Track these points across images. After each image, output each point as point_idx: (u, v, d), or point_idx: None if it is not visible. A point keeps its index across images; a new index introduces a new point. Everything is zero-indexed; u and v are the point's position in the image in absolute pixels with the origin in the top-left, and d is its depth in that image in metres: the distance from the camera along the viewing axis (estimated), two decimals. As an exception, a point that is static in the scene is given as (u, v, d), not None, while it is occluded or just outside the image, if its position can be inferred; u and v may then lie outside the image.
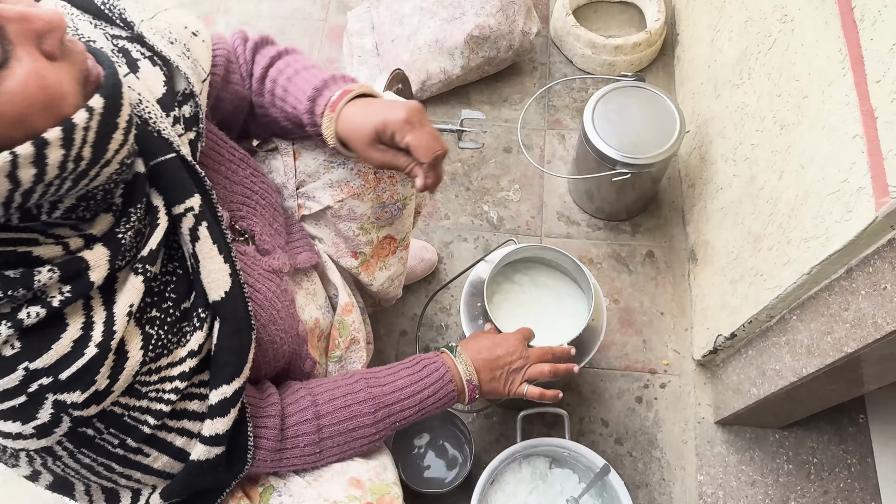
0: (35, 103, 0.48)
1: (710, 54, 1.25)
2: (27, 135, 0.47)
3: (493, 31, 1.38)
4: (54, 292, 0.55)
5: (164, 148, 0.64)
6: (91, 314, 0.58)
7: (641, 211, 1.36)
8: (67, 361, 0.56)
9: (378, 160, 0.77)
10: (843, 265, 0.79)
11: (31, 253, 0.53)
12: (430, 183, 0.74)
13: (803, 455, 1.16)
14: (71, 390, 0.57)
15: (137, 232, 0.60)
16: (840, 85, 0.77)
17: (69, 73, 0.49)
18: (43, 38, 0.47)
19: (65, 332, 0.57)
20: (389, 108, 0.75)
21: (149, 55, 0.68)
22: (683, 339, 1.25)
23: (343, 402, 0.78)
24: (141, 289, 0.59)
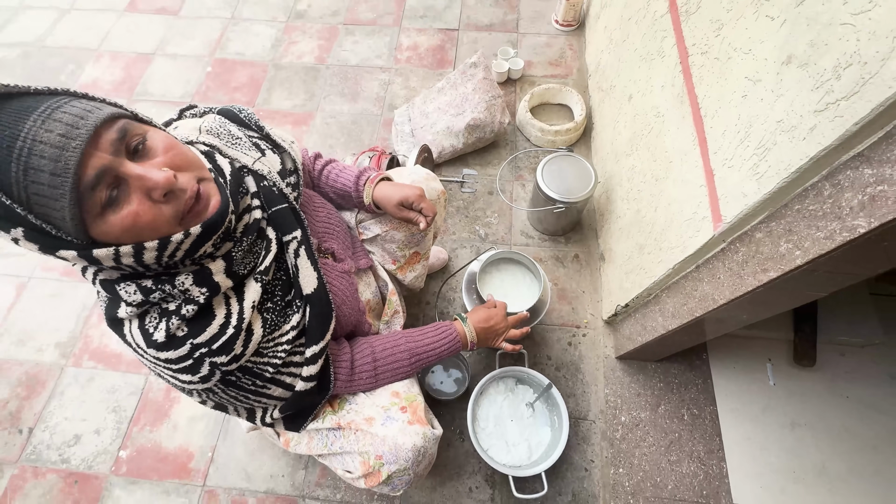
0: (130, 229, 0.48)
1: (612, 136, 1.31)
2: (157, 238, 0.51)
3: (482, 122, 1.45)
4: (197, 294, 0.56)
5: (281, 200, 0.69)
6: (230, 308, 0.60)
7: (571, 230, 1.41)
8: (216, 338, 0.58)
9: (398, 215, 0.85)
10: (693, 263, 0.83)
11: (179, 272, 0.55)
12: (427, 226, 0.84)
13: (669, 377, 1.20)
14: (220, 355, 0.59)
15: (247, 252, 0.62)
16: (692, 155, 0.81)
17: (168, 211, 0.51)
18: (151, 192, 0.49)
19: (214, 319, 0.59)
20: (407, 188, 0.84)
21: (271, 147, 0.74)
22: (596, 307, 1.30)
23: (391, 352, 0.81)
24: (259, 291, 0.63)
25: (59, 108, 0.44)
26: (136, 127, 0.49)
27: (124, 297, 0.53)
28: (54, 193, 0.43)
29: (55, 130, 0.42)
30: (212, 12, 1.97)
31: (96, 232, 0.47)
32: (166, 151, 0.51)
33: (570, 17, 1.76)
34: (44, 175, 0.42)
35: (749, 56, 0.65)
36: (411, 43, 1.83)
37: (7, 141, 0.41)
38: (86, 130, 0.44)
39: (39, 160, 0.42)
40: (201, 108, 0.73)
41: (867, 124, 0.45)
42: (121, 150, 0.47)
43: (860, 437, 1.08)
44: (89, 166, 0.44)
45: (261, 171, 0.68)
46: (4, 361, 1.26)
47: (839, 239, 0.51)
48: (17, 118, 0.42)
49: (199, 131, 0.66)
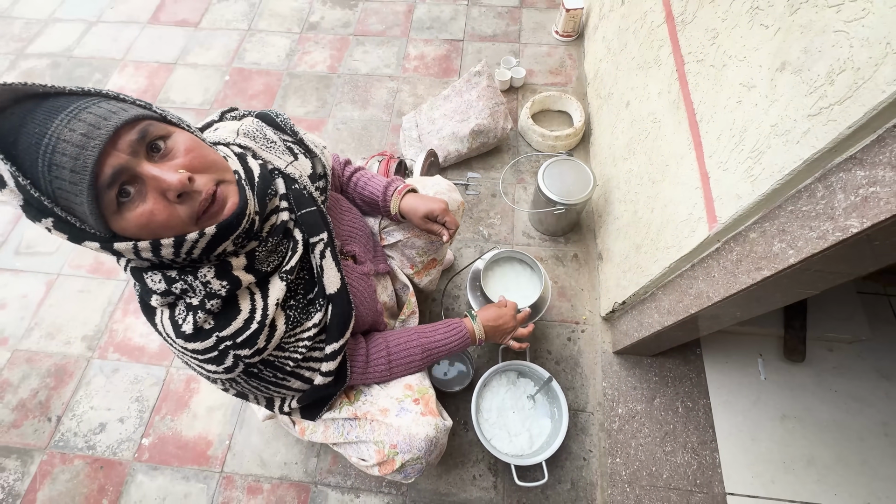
0: (145, 226, 0.48)
1: (610, 141, 1.30)
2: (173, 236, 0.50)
3: (485, 127, 1.45)
4: (218, 287, 0.55)
5: (310, 203, 0.69)
6: (255, 304, 0.60)
7: (570, 231, 1.40)
8: (241, 332, 0.58)
9: (423, 227, 0.86)
10: (689, 263, 0.82)
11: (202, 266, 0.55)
12: (451, 238, 0.85)
13: (664, 372, 1.19)
14: (243, 348, 0.59)
15: (271, 251, 0.61)
16: (688, 158, 0.80)
17: (183, 211, 0.50)
18: (165, 192, 0.48)
19: (239, 314, 0.58)
20: (432, 201, 0.84)
21: (303, 151, 0.74)
22: (595, 304, 1.29)
23: (404, 347, 0.81)
24: (284, 288, 0.62)
25: (86, 108, 0.44)
26: (158, 128, 0.49)
27: (150, 285, 0.53)
28: (74, 189, 0.43)
29: (78, 130, 0.43)
30: (230, 24, 1.98)
31: (115, 227, 0.48)
32: (187, 153, 0.50)
33: (569, 28, 1.75)
34: (65, 172, 0.43)
35: (744, 63, 0.64)
36: (418, 53, 1.82)
37: (36, 138, 0.42)
38: (106, 131, 0.44)
39: (61, 157, 0.42)
40: (241, 110, 0.72)
41: (860, 128, 0.45)
42: (140, 151, 0.47)
43: (847, 428, 1.07)
44: (107, 165, 0.44)
45: (293, 174, 0.67)
46: (35, 354, 1.26)
47: (832, 239, 0.50)
48: (48, 117, 0.43)
49: (237, 133, 0.66)
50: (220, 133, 0.66)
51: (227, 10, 2.02)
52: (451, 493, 1.05)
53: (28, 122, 0.43)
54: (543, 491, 1.04)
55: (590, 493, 1.04)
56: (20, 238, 1.45)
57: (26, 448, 1.14)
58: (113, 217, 0.47)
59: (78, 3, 2.09)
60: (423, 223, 0.84)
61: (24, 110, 0.43)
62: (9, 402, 1.19)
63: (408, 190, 0.85)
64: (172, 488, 1.08)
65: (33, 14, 2.06)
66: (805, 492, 1.01)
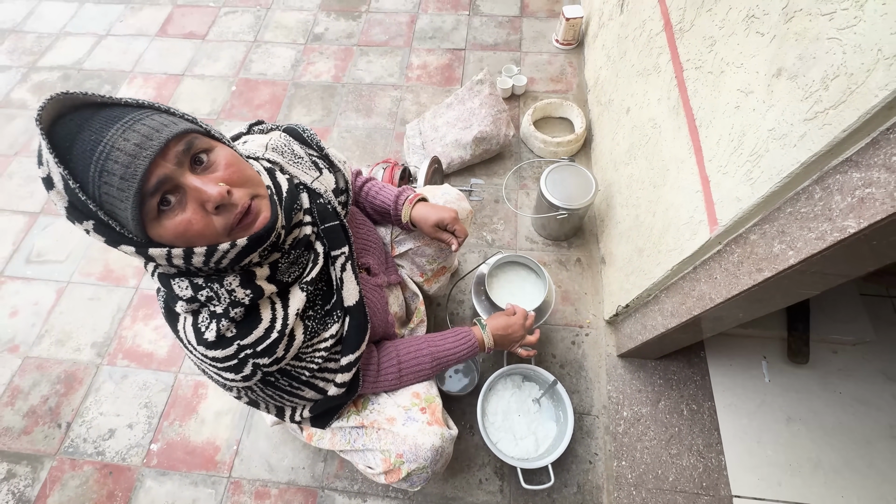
0: (182, 235, 0.50)
1: (611, 147, 1.32)
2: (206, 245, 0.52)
3: (488, 134, 1.47)
4: (242, 295, 0.57)
5: (333, 217, 0.70)
6: (275, 313, 0.61)
7: (573, 235, 1.41)
8: (261, 340, 0.59)
9: (434, 235, 0.87)
10: (691, 265, 0.82)
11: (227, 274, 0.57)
12: (459, 246, 0.87)
13: (668, 374, 1.19)
14: (263, 357, 0.60)
15: (292, 262, 0.62)
16: (688, 163, 0.81)
17: (219, 222, 0.52)
18: (205, 203, 0.50)
19: (260, 323, 0.59)
20: (443, 210, 0.85)
21: (327, 166, 0.76)
22: (598, 308, 1.30)
23: (414, 356, 0.82)
24: (304, 299, 0.63)
25: (140, 120, 0.46)
26: (203, 142, 0.51)
27: (177, 291, 0.55)
28: (121, 195, 0.45)
29: (131, 140, 0.45)
30: (236, 36, 2.02)
31: (153, 233, 0.49)
32: (227, 167, 0.52)
33: (569, 36, 1.78)
34: (114, 178, 0.44)
35: (741, 70, 0.66)
36: (421, 62, 1.85)
37: (91, 145, 0.44)
38: (157, 143, 0.46)
39: (113, 165, 0.44)
40: (268, 124, 0.74)
41: (854, 131, 0.46)
42: (184, 162, 0.49)
43: (853, 431, 1.07)
44: (153, 175, 0.46)
45: (318, 189, 0.69)
46: (45, 360, 1.28)
47: (830, 239, 0.51)
48: (104, 126, 0.45)
49: (266, 148, 0.67)
50: (249, 146, 0.67)
51: (233, 23, 2.07)
52: (458, 496, 1.05)
53: (85, 129, 0.45)
54: (549, 494, 1.04)
55: (596, 496, 1.04)
56: (31, 247, 1.48)
57: (36, 454, 1.15)
58: (152, 224, 0.49)
59: (88, 18, 2.14)
60: (433, 231, 0.85)
61: (81, 118, 0.45)
62: (20, 409, 1.21)
63: (419, 199, 0.87)
64: (181, 493, 1.08)
65: (45, 28, 2.11)
66: (812, 495, 1.01)
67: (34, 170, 1.65)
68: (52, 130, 0.45)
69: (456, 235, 0.85)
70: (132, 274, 1.41)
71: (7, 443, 1.16)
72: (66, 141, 0.44)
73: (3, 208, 1.56)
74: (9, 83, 1.91)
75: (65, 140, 0.44)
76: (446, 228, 0.85)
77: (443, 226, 0.84)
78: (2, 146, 1.72)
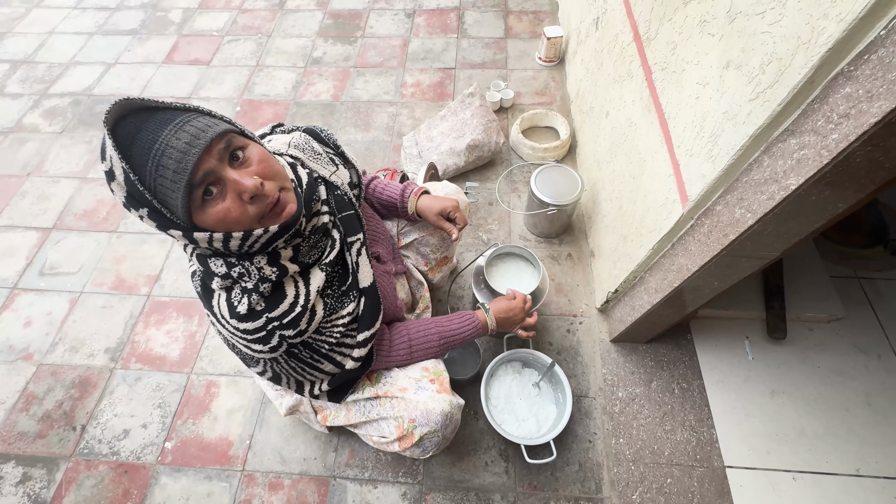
0: (222, 221, 0.57)
1: (594, 148, 1.43)
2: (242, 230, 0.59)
3: (480, 142, 1.57)
4: (269, 272, 0.63)
5: (349, 207, 0.77)
6: (298, 290, 0.67)
7: (563, 232, 1.50)
8: (287, 314, 0.65)
9: (436, 223, 0.93)
10: (669, 242, 0.91)
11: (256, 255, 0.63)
12: (459, 235, 0.93)
13: (658, 356, 1.26)
14: (288, 329, 0.65)
15: (312, 246, 0.69)
16: (661, 151, 0.91)
17: (253, 210, 0.58)
18: (242, 194, 0.57)
19: (286, 298, 0.65)
20: (445, 200, 0.93)
21: (343, 163, 0.83)
22: (590, 298, 1.37)
23: (423, 334, 0.88)
24: (324, 278, 0.70)
25: (188, 121, 0.53)
26: (239, 140, 0.58)
27: (213, 268, 0.62)
28: (173, 186, 0.52)
29: (182, 139, 0.52)
30: (240, 61, 2.14)
31: (197, 219, 0.57)
32: (260, 163, 0.59)
33: (551, 54, 1.92)
34: (168, 172, 0.51)
35: (698, 66, 0.76)
36: (414, 80, 1.98)
37: (149, 143, 0.51)
38: (204, 141, 0.53)
39: (168, 160, 0.51)
40: (288, 125, 0.82)
41: (787, 104, 0.56)
42: (224, 158, 0.56)
43: (833, 400, 1.14)
44: (200, 168, 0.53)
45: (335, 182, 0.77)
46: (59, 367, 1.31)
47: (778, 197, 0.60)
48: (159, 126, 0.52)
49: (288, 146, 0.75)
50: (273, 144, 0.75)
51: (236, 49, 2.19)
52: (465, 479, 1.09)
53: (142, 129, 0.51)
54: (553, 472, 1.09)
55: (597, 472, 1.09)
56: (44, 260, 1.53)
57: (52, 457, 1.17)
58: (197, 211, 0.55)
59: (97, 49, 2.25)
60: (436, 220, 0.92)
61: (139, 120, 0.52)
62: (34, 414, 1.23)
63: (423, 192, 0.95)
64: (195, 488, 1.11)
65: (55, 59, 2.21)
66: (799, 461, 1.07)
67: (46, 188, 1.71)
68: (115, 130, 0.52)
69: (456, 223, 0.93)
70: (143, 283, 1.47)
71: (22, 447, 1.18)
72: (126, 139, 0.52)
73: (16, 225, 1.62)
74: (21, 110, 1.99)
75: (126, 139, 0.52)
76: (448, 216, 0.92)
77: (445, 214, 0.92)
78: (15, 167, 1.78)
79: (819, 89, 0.52)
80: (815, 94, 0.53)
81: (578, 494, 1.06)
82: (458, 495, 1.07)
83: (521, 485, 1.08)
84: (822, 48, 0.49)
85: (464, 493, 1.07)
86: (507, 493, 1.07)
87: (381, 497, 1.08)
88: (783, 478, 1.05)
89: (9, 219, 1.63)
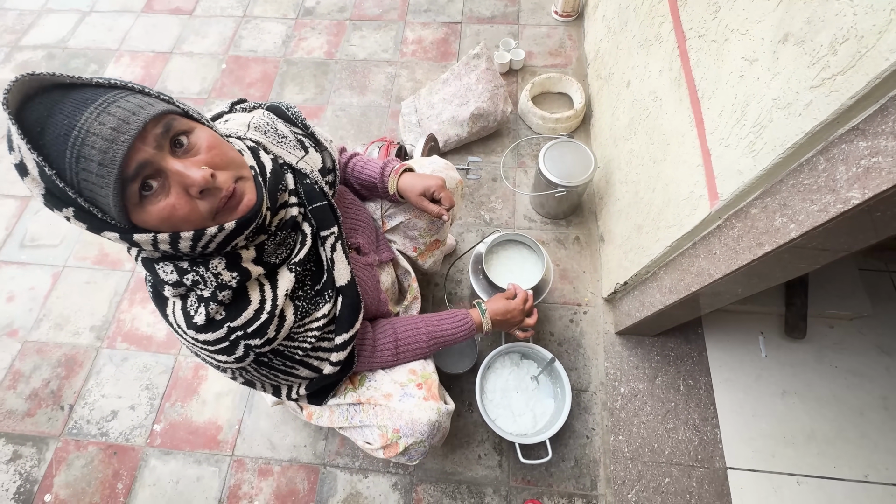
0: (166, 220, 0.49)
1: (611, 122, 1.30)
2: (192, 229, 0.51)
3: (485, 111, 1.43)
4: (228, 278, 0.56)
5: (321, 197, 0.68)
6: (264, 294, 0.60)
7: (571, 213, 1.40)
8: (251, 322, 0.58)
9: (420, 205, 0.84)
10: (690, 241, 0.81)
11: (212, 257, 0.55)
12: (448, 216, 0.85)
13: (666, 351, 1.20)
14: (254, 338, 0.59)
15: (279, 244, 0.61)
16: (689, 136, 0.79)
17: (204, 206, 0.50)
18: (189, 188, 0.49)
19: (249, 305, 0.59)
20: (429, 178, 0.83)
21: (313, 145, 0.73)
22: (597, 286, 1.29)
23: (411, 334, 0.82)
24: (293, 280, 0.62)
25: (114, 102, 0.44)
26: (182, 123, 0.49)
27: (162, 276, 0.54)
28: (101, 182, 0.44)
29: (107, 124, 0.43)
30: (224, 11, 1.95)
31: (136, 219, 0.48)
32: (209, 150, 0.50)
33: (569, 7, 1.72)
34: (93, 164, 0.43)
35: (746, 37, 0.63)
36: (416, 37, 1.80)
37: (65, 129, 0.42)
38: (135, 126, 0.44)
39: (90, 150, 0.42)
40: (251, 102, 0.71)
41: (863, 97, 0.44)
42: (164, 145, 0.47)
43: (847, 403, 1.09)
44: (133, 159, 0.44)
45: (304, 169, 0.67)
46: (45, 344, 1.28)
47: (833, 211, 0.50)
48: (76, 108, 0.43)
49: (248, 127, 0.65)
50: (230, 125, 0.65)
51: (221, -3, 2.00)
52: (457, 471, 1.07)
53: (56, 112, 0.42)
54: (547, 468, 1.06)
55: (593, 469, 1.06)
56: (24, 231, 1.46)
57: (41, 436, 1.16)
58: (135, 209, 0.47)
59: (70, -7, 2.07)
60: (419, 201, 0.83)
61: (51, 100, 0.43)
62: (22, 392, 1.22)
63: (404, 169, 0.85)
64: (185, 472, 1.10)
65: (26, 5, 2.03)
66: (805, 465, 1.03)
67: (23, 153, 1.62)
68: (21, 114, 0.42)
69: (442, 203, 0.83)
70: (128, 258, 1.40)
71: (11, 425, 1.17)
72: (36, 126, 0.42)
73: (-7, 192, 1.54)
74: (-8, 63, 1.86)
75: (35, 125, 0.42)
76: (432, 197, 0.83)
77: (429, 194, 0.82)
78: (-12, 129, 1.68)
79: (909, 81, 0.41)
80: (902, 86, 0.42)
81: (573, 491, 1.04)
82: (450, 487, 1.05)
83: (514, 479, 1.06)
84: (925, 27, 0.38)
85: (455, 486, 1.06)
86: (500, 487, 1.05)
87: (372, 486, 1.06)
88: (787, 481, 1.02)
89: (-15, 185, 1.55)
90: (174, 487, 1.09)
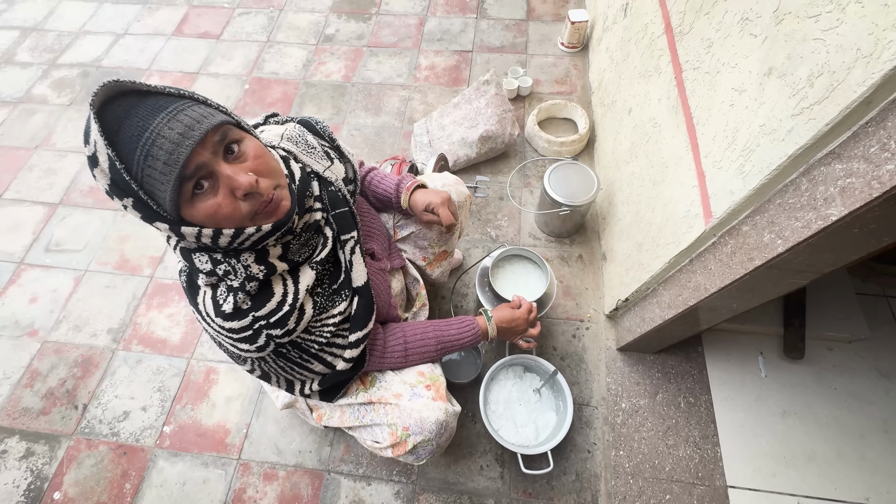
0: (212, 216, 0.54)
1: (614, 146, 1.36)
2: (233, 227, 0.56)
3: (494, 133, 1.50)
4: (256, 271, 0.61)
5: (343, 204, 0.74)
6: (287, 288, 0.65)
7: (575, 232, 1.44)
8: (274, 313, 0.63)
9: (423, 219, 0.91)
10: (687, 257, 0.86)
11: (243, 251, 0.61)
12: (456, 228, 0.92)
13: (666, 368, 1.22)
14: (276, 328, 0.64)
15: (303, 244, 0.66)
16: (686, 159, 0.85)
17: (245, 208, 0.56)
18: (235, 190, 0.54)
19: (273, 297, 0.63)
20: (433, 194, 0.89)
21: (338, 157, 0.80)
22: (599, 303, 1.33)
23: (420, 338, 0.85)
24: (313, 276, 0.68)
25: (182, 110, 0.50)
26: (235, 133, 0.55)
27: (198, 264, 0.59)
28: (163, 178, 0.49)
29: (175, 129, 0.49)
30: (250, 36, 2.07)
31: (186, 213, 0.54)
32: (255, 158, 0.56)
33: (574, 39, 1.82)
34: (158, 163, 0.48)
35: (735, 69, 0.69)
36: (429, 63, 1.90)
37: (138, 130, 0.48)
38: (199, 133, 0.50)
39: (158, 151, 0.48)
40: (283, 116, 0.78)
41: (836, 125, 0.49)
42: (219, 151, 0.53)
43: (847, 425, 1.09)
44: (193, 162, 0.50)
45: (329, 177, 0.73)
46: (63, 345, 1.32)
47: (815, 227, 0.54)
48: (150, 113, 0.48)
49: (281, 138, 0.71)
50: (265, 136, 0.71)
51: (247, 23, 2.12)
52: (459, 482, 1.08)
53: (132, 115, 0.48)
54: (549, 481, 1.07)
55: (594, 484, 1.07)
56: (50, 236, 1.53)
57: (54, 434, 1.19)
58: (186, 205, 0.53)
59: (106, 17, 2.20)
60: (423, 215, 0.90)
61: (128, 104, 0.49)
62: (38, 391, 1.25)
63: (416, 186, 0.91)
64: (192, 474, 1.12)
65: (65, 27, 2.17)
66: (805, 486, 1.03)
67: (53, 163, 1.70)
68: (102, 114, 0.48)
69: (438, 215, 0.87)
70: (147, 264, 1.46)
71: (26, 422, 1.21)
72: (114, 124, 0.48)
73: (24, 199, 1.61)
74: (30, 79, 1.97)
75: (113, 124, 0.48)
76: (432, 212, 0.88)
77: (429, 209, 0.88)
78: (23, 140, 1.77)
79: (876, 111, 0.46)
80: (870, 115, 0.46)
81: (573, 505, 1.05)
82: (452, 498, 1.06)
83: (515, 491, 1.06)
84: (886, 64, 0.43)
85: (457, 496, 1.06)
86: (501, 499, 1.06)
87: (375, 494, 1.08)
88: (787, 501, 1.02)
89: (16, 192, 1.63)
90: (180, 489, 1.10)
